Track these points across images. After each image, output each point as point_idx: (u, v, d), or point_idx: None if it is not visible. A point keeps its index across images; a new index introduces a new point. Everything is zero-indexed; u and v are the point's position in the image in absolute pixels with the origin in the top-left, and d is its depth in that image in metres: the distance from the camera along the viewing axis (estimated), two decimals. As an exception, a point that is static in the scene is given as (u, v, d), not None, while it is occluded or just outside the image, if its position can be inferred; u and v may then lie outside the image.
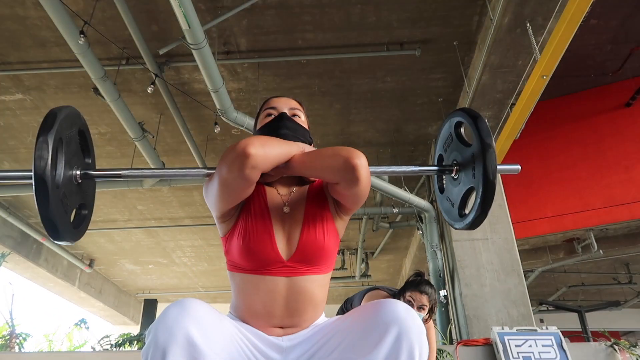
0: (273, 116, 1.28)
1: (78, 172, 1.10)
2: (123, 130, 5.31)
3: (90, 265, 10.01)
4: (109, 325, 12.69)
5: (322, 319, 1.20)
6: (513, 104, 4.82)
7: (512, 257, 5.55)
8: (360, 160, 1.06)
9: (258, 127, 1.31)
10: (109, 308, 11.55)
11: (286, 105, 1.30)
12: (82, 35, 3.85)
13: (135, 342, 5.26)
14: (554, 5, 3.78)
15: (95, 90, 4.90)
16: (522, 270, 5.50)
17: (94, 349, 5.37)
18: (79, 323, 6.18)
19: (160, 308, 11.97)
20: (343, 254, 9.79)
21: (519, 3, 3.79)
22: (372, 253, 9.89)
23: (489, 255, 5.57)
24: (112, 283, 11.70)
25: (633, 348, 3.98)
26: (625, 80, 6.56)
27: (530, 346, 3.85)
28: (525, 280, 5.49)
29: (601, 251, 6.97)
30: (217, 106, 4.60)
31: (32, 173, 0.95)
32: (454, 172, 1.21)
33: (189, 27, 3.56)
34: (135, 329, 11.19)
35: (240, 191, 1.09)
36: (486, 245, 5.64)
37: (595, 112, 6.87)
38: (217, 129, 5.20)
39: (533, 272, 8.40)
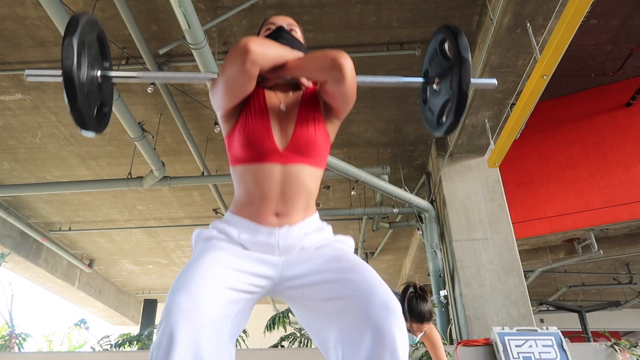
0: (272, 30, 1.41)
1: (99, 73, 1.23)
2: (123, 130, 5.31)
3: (90, 265, 10.01)
4: (108, 325, 12.69)
5: (317, 219, 1.29)
6: (513, 104, 4.81)
7: (512, 257, 5.54)
8: (346, 61, 1.18)
9: None
10: (108, 308, 11.55)
11: (284, 21, 1.44)
12: (81, 35, 3.84)
13: (135, 342, 5.25)
14: (554, 5, 3.78)
15: (95, 90, 4.89)
16: (522, 270, 5.50)
17: (93, 349, 5.37)
18: (79, 323, 6.18)
19: (160, 308, 11.97)
20: (343, 254, 9.77)
21: (519, 3, 3.79)
22: (372, 253, 9.89)
23: (489, 255, 5.57)
24: (112, 283, 11.70)
25: (633, 348, 3.98)
26: (625, 80, 6.55)
27: (531, 346, 3.85)
28: (525, 280, 5.49)
29: (601, 251, 6.97)
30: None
31: (60, 71, 1.08)
32: (435, 83, 1.32)
33: (189, 27, 3.56)
34: (135, 329, 11.19)
35: (241, 85, 1.21)
36: (486, 245, 5.63)
37: (595, 112, 6.87)
38: (217, 129, 5.20)
39: (533, 272, 8.40)
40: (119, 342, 5.22)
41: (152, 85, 4.66)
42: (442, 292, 5.93)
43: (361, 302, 1.03)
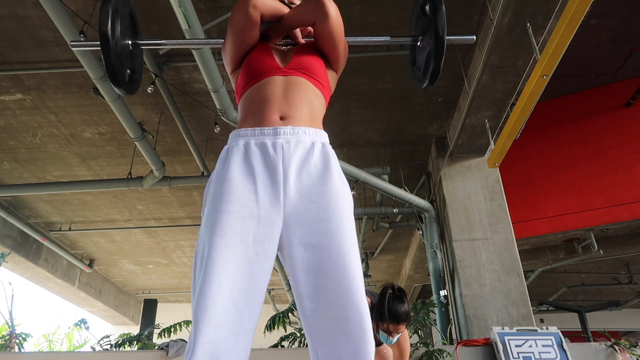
0: None
1: (130, 42, 1.39)
2: (123, 130, 5.31)
3: (90, 265, 10.01)
4: (108, 325, 12.69)
5: (324, 135, 1.28)
6: (513, 104, 4.81)
7: (512, 257, 5.54)
8: (329, 1, 1.32)
9: None
10: (108, 308, 11.55)
11: None
12: (82, 35, 3.85)
13: (135, 342, 5.26)
14: (554, 5, 3.78)
15: (95, 90, 4.90)
16: (522, 270, 5.50)
17: (93, 349, 5.37)
18: (79, 323, 6.18)
19: (160, 308, 11.98)
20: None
21: (519, 3, 3.79)
22: (372, 253, 9.89)
23: (489, 255, 5.57)
24: (112, 283, 11.70)
25: (633, 348, 3.98)
26: (625, 80, 6.55)
27: (531, 346, 3.85)
28: (525, 280, 5.49)
29: (601, 251, 6.96)
30: (217, 106, 4.59)
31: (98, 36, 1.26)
32: (419, 41, 1.45)
33: (189, 27, 3.56)
34: (135, 329, 11.19)
35: (246, 30, 1.34)
36: (486, 245, 5.63)
37: (595, 112, 6.87)
38: (217, 129, 5.20)
39: (533, 272, 8.40)
40: (119, 342, 5.22)
41: (152, 85, 4.66)
42: (442, 292, 5.93)
43: (338, 299, 1.07)
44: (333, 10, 1.33)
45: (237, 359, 1.01)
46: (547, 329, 3.99)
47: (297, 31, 1.44)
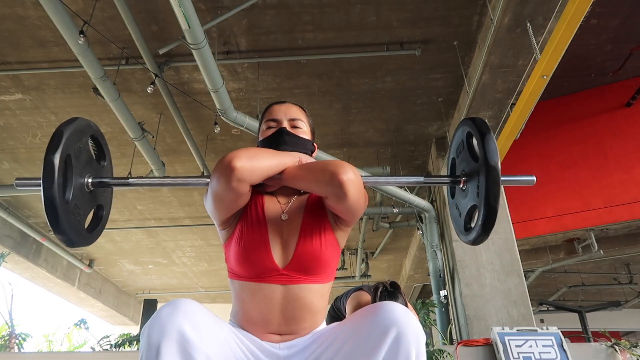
0: (273, 129, 1.27)
1: (90, 181, 1.16)
2: (123, 130, 5.31)
3: (90, 266, 10.00)
4: (108, 325, 12.68)
5: (322, 327, 1.19)
6: (513, 104, 4.81)
7: (512, 257, 5.54)
8: (347, 176, 1.04)
9: (260, 138, 1.33)
10: (108, 308, 11.54)
11: (286, 116, 1.29)
12: (81, 35, 3.84)
13: (135, 342, 5.25)
14: (554, 5, 3.78)
15: (95, 90, 4.90)
16: (522, 270, 5.50)
17: (93, 349, 5.36)
18: (79, 323, 6.17)
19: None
20: (343, 254, 9.78)
21: (519, 3, 3.79)
22: (372, 253, 9.89)
23: (489, 255, 5.57)
24: (111, 283, 11.70)
25: (634, 348, 3.97)
26: (625, 80, 6.55)
27: (531, 346, 3.84)
28: (525, 280, 5.49)
29: (601, 251, 6.96)
30: (217, 106, 4.59)
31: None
32: (462, 183, 1.18)
33: (189, 27, 3.56)
34: (135, 329, 11.19)
35: (231, 202, 1.11)
36: (486, 245, 5.63)
37: (595, 112, 6.86)
38: (217, 129, 5.19)
39: (533, 272, 8.40)
40: (119, 342, 5.22)
41: (152, 85, 4.66)
42: (442, 292, 5.93)
43: (365, 330, 0.96)
44: (352, 189, 1.05)
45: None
46: (547, 329, 3.99)
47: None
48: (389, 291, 2.27)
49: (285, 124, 1.27)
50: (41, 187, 1.01)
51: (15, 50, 4.84)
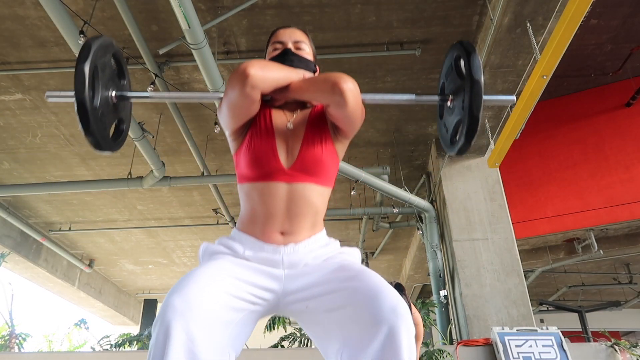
0: (279, 50, 1.39)
1: (114, 94, 1.27)
2: (123, 130, 5.30)
3: (90, 265, 10.01)
4: (108, 325, 12.69)
5: (324, 235, 1.28)
6: (513, 104, 4.81)
7: (512, 257, 5.54)
8: (347, 85, 1.18)
9: (266, 59, 1.43)
10: (108, 308, 11.55)
11: (290, 38, 1.40)
12: (81, 35, 3.84)
13: (135, 342, 5.25)
14: (554, 5, 3.78)
15: (95, 90, 4.89)
16: (522, 270, 5.50)
17: (93, 349, 5.37)
18: (79, 323, 6.18)
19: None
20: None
21: (519, 3, 3.79)
22: (372, 253, 9.89)
23: (489, 255, 5.57)
24: (112, 283, 11.70)
25: (633, 348, 3.98)
26: (625, 80, 6.55)
27: (531, 346, 3.85)
28: (525, 280, 5.49)
29: (601, 251, 6.96)
30: (217, 106, 4.59)
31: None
32: (449, 101, 1.30)
33: (189, 27, 3.56)
34: (135, 329, 11.19)
35: (244, 108, 1.22)
36: (486, 245, 5.63)
37: (595, 112, 6.87)
38: (217, 129, 5.20)
39: (533, 272, 8.40)
40: (119, 342, 5.22)
41: (152, 85, 4.66)
42: (442, 292, 5.93)
43: (366, 308, 1.02)
44: (351, 97, 1.18)
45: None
46: (547, 329, 3.99)
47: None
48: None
49: (290, 46, 1.38)
50: (74, 91, 1.12)
51: (15, 50, 4.84)
